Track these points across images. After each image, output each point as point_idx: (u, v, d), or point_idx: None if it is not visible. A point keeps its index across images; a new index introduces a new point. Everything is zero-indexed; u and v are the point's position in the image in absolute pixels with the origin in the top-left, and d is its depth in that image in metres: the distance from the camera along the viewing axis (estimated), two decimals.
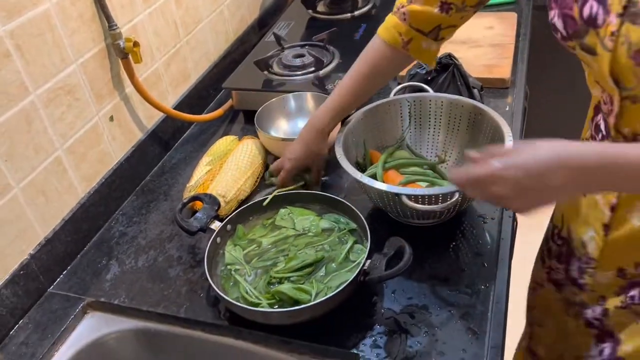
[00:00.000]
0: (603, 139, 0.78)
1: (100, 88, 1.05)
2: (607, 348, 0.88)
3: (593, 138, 0.82)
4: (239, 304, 0.80)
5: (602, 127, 0.78)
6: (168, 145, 1.27)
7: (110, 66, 1.07)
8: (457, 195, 0.84)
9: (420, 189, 0.95)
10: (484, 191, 0.66)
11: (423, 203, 0.86)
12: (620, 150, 0.62)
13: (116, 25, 1.03)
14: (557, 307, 0.97)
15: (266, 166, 1.15)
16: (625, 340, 0.85)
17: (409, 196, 0.85)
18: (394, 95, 1.09)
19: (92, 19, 1.01)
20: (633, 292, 0.83)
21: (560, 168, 0.60)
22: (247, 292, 0.84)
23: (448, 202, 0.84)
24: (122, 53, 1.05)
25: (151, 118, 1.21)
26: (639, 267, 0.80)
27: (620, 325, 0.86)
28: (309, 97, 1.22)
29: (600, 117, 0.79)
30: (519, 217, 1.09)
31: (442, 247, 0.93)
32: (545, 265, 1.00)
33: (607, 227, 0.80)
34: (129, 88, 1.12)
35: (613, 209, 0.79)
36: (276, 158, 1.17)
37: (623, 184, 0.65)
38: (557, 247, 0.95)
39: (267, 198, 0.98)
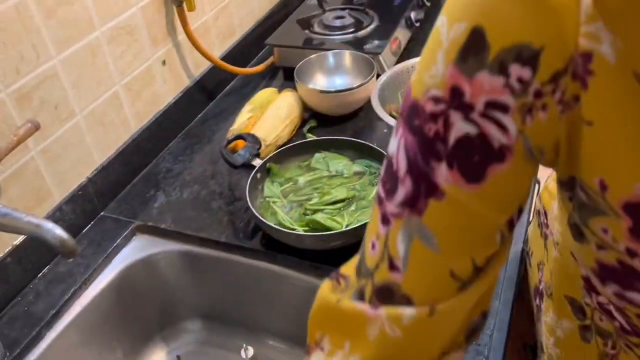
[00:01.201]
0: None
1: (156, 33, 1.13)
2: None
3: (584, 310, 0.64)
4: (276, 226, 0.88)
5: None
6: (212, 94, 1.35)
7: (166, 12, 1.15)
8: None
9: None
10: None
11: None
12: None
13: None
14: None
15: (303, 120, 1.22)
16: None
17: None
18: None
19: None
20: None
21: None
22: (283, 219, 0.92)
23: None
24: (177, 1, 1.13)
25: (198, 67, 1.29)
26: None
27: None
28: (347, 55, 1.28)
29: (592, 299, 0.58)
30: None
31: None
32: None
33: None
34: (181, 35, 1.20)
35: None
36: (312, 111, 1.24)
37: None
38: None
39: None
